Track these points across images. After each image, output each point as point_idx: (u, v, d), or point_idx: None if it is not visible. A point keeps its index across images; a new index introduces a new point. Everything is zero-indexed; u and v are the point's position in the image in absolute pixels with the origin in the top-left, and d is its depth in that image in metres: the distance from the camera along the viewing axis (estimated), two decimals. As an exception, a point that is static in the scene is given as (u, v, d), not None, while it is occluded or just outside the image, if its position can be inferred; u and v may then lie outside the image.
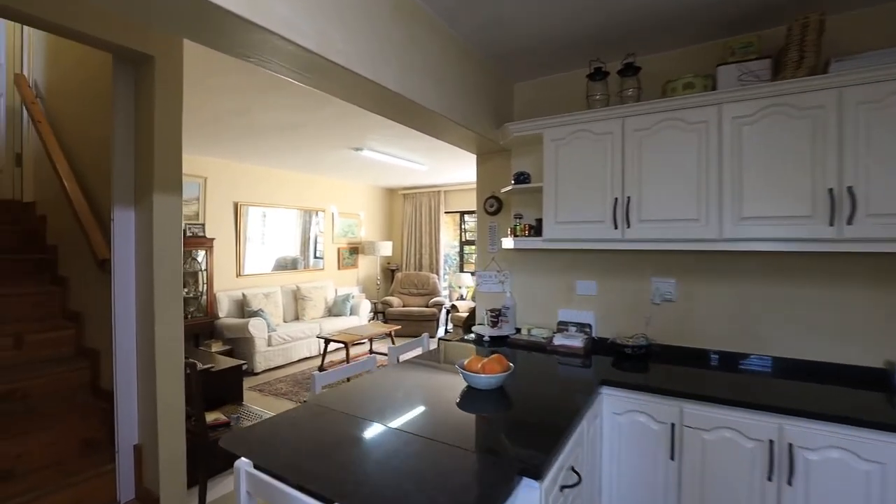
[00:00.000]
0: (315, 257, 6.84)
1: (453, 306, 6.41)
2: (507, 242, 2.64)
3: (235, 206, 5.65)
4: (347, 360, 4.60)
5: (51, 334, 2.59)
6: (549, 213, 2.38)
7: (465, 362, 1.84)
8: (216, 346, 4.69)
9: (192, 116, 3.62)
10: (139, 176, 2.18)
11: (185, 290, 4.85)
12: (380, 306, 7.17)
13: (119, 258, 2.17)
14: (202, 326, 4.93)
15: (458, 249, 8.01)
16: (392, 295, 7.33)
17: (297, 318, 5.97)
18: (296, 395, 4.24)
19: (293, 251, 6.51)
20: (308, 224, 6.73)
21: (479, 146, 2.80)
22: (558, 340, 2.46)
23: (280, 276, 6.24)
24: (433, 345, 5.86)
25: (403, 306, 7.12)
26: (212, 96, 3.18)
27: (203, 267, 4.99)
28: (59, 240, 2.90)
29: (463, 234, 7.89)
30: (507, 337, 2.70)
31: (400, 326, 5.54)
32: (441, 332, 6.99)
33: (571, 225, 2.32)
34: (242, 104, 3.32)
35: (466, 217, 7.90)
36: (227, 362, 2.99)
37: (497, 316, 2.78)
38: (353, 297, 6.33)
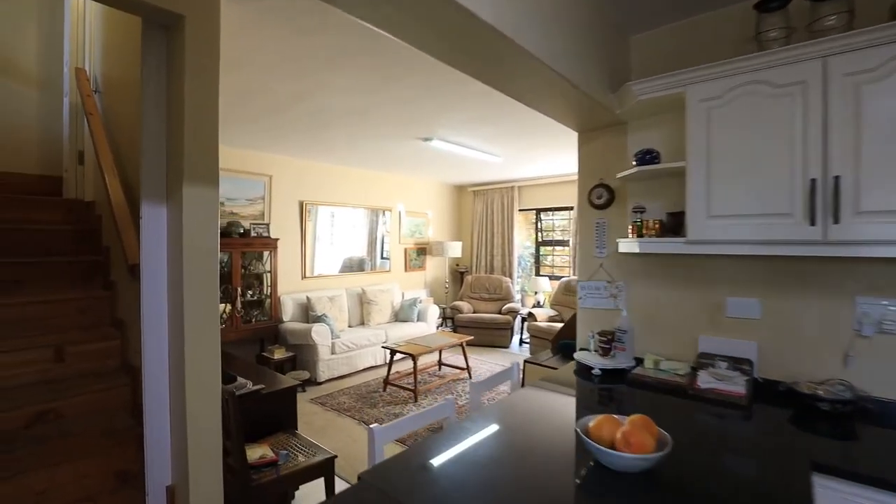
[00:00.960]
0: (382, 258, 6.50)
1: (530, 314, 5.74)
2: (627, 245, 1.98)
3: (301, 205, 5.42)
4: (415, 375, 4.13)
5: (96, 345, 2.33)
6: (697, 204, 1.69)
7: (590, 424, 1.23)
8: (279, 353, 4.44)
9: (250, 104, 3.32)
10: (171, 163, 1.80)
11: (250, 292, 4.67)
12: (448, 311, 6.68)
13: (149, 263, 1.80)
14: (266, 331, 4.72)
15: (532, 250, 7.32)
16: (461, 299, 6.81)
17: (362, 323, 5.64)
18: (359, 412, 3.83)
19: (360, 251, 6.23)
20: (375, 224, 6.41)
21: (584, 118, 2.16)
22: (706, 381, 1.76)
23: (346, 278, 5.95)
24: (507, 359, 5.20)
25: (473, 312, 6.58)
26: (268, 78, 2.83)
27: (267, 269, 4.78)
28: (112, 241, 2.68)
29: (539, 233, 7.18)
30: (625, 371, 2.03)
31: (472, 337, 4.99)
32: (515, 343, 6.36)
33: (733, 220, 1.61)
34: (303, 85, 2.94)
35: (543, 215, 7.18)
36: (282, 381, 2.61)
37: (609, 342, 2.12)
38: (420, 301, 5.90)
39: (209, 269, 1.79)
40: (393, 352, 4.36)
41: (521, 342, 6.36)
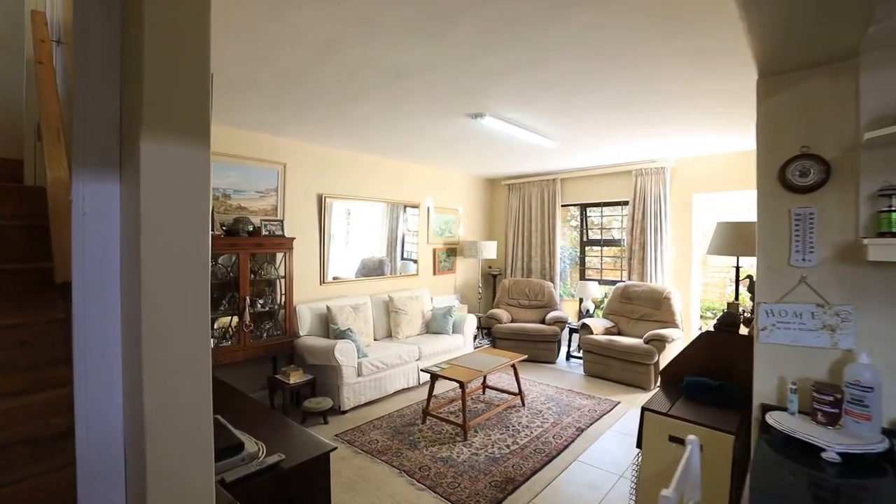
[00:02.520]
0: (402, 258, 5.71)
1: (585, 325, 4.93)
2: (881, 251, 1.18)
3: (320, 198, 4.66)
4: (464, 407, 3.34)
5: (37, 396, 1.57)
6: None
7: None
8: (296, 377, 3.68)
9: (262, 65, 2.55)
10: (127, 102, 1.03)
11: (260, 301, 3.91)
12: (483, 321, 5.89)
13: (87, 278, 1.04)
14: (280, 348, 3.97)
15: (576, 252, 6.50)
16: (497, 307, 6.01)
17: (389, 336, 4.87)
18: (398, 455, 3.05)
19: (379, 252, 5.42)
20: (395, 221, 5.61)
21: (785, 45, 1.36)
22: None
23: (368, 283, 5.18)
24: (558, 378, 4.64)
25: (512, 321, 5.78)
26: (282, 21, 2.05)
27: (281, 273, 4.02)
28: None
29: (585, 231, 6.35)
30: (877, 456, 1.23)
31: (525, 356, 4.16)
32: (562, 357, 5.54)
33: None
34: (329, 32, 2.16)
35: (589, 211, 6.35)
36: (311, 443, 1.84)
37: (837, 403, 1.32)
38: (454, 309, 5.11)
39: (192, 287, 1.00)
40: (434, 377, 3.58)
41: (570, 356, 5.54)
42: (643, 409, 2.07)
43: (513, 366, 3.93)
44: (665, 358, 4.47)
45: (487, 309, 6.71)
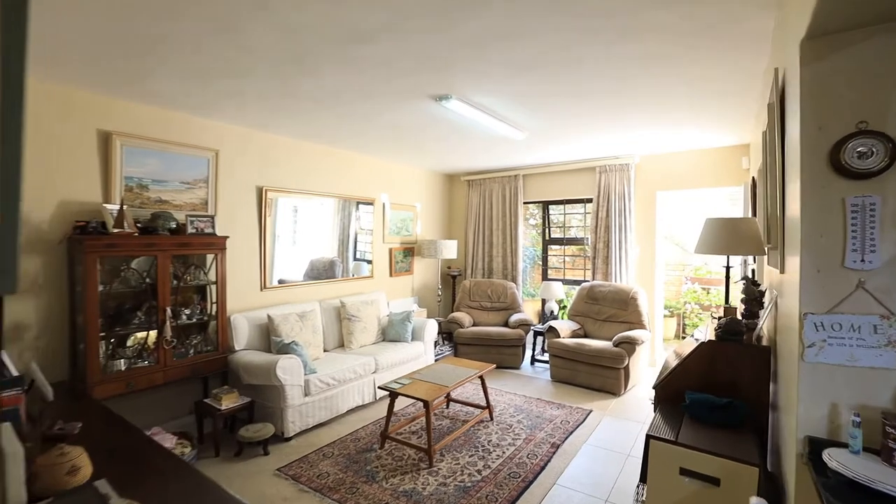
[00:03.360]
0: (356, 259, 5.22)
1: (551, 329, 4.68)
2: None
3: (260, 192, 4.08)
4: (429, 430, 2.94)
5: None
6: None
7: None
8: (229, 400, 3.12)
9: (177, 18, 2.01)
10: None
11: (187, 312, 3.31)
12: (444, 325, 5.52)
13: None
14: (211, 366, 3.37)
15: (538, 251, 6.29)
16: (458, 309, 5.66)
17: (342, 346, 4.38)
18: (352, 491, 2.60)
19: (330, 252, 4.90)
20: (347, 218, 5.11)
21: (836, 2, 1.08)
22: None
23: (317, 287, 4.65)
24: (525, 385, 4.38)
25: (474, 324, 5.45)
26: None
27: (213, 278, 3.43)
28: None
29: (548, 230, 6.14)
30: None
31: (494, 366, 3.80)
32: (527, 361, 5.28)
33: None
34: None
35: (551, 209, 6.15)
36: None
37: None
38: (413, 314, 4.69)
39: None
40: (393, 395, 3.16)
41: (534, 360, 5.29)
42: (648, 438, 1.76)
43: (481, 379, 3.58)
44: (635, 361, 4.30)
45: (447, 312, 6.36)
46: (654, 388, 2.26)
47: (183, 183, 3.53)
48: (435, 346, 5.20)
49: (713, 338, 2.16)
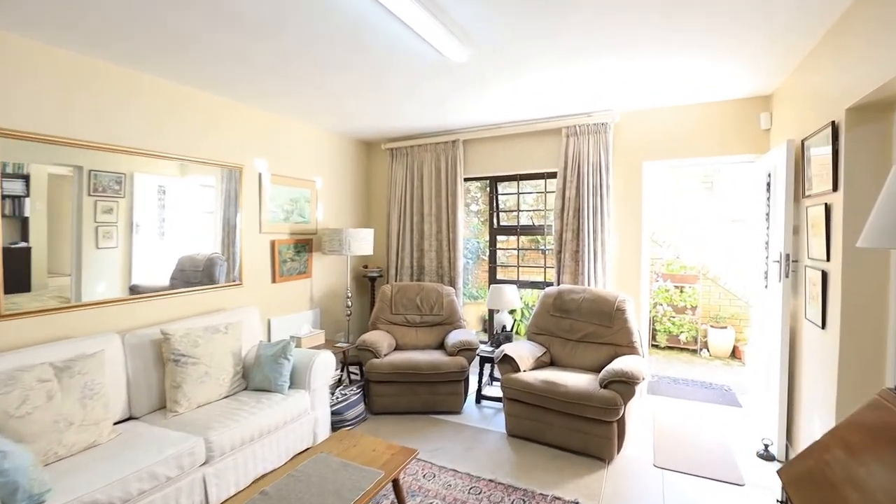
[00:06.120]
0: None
1: (506, 358, 3.16)
2: None
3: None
4: None
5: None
6: None
7: None
8: None
9: None
10: None
11: None
12: (351, 353, 3.83)
13: None
14: None
15: (483, 243, 4.78)
16: (376, 327, 4.00)
17: (163, 408, 2.58)
18: None
19: (211, 245, 3.31)
20: (235, 199, 3.40)
21: None
22: None
23: (166, 303, 2.80)
24: (466, 459, 2.46)
25: (397, 347, 3.84)
26: None
27: None
28: None
29: (496, 215, 4.63)
30: None
31: (416, 451, 2.16)
32: (471, 399, 3.76)
33: None
34: None
35: (502, 186, 4.65)
36: None
37: None
38: (291, 345, 2.96)
39: None
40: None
41: (481, 397, 3.77)
42: None
43: (395, 486, 1.97)
44: (631, 409, 2.91)
45: (364, 330, 4.70)
46: (780, 473, 0.76)
47: None
48: (337, 387, 3.52)
49: None
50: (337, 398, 3.24)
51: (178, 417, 2.45)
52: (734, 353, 5.44)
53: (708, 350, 5.59)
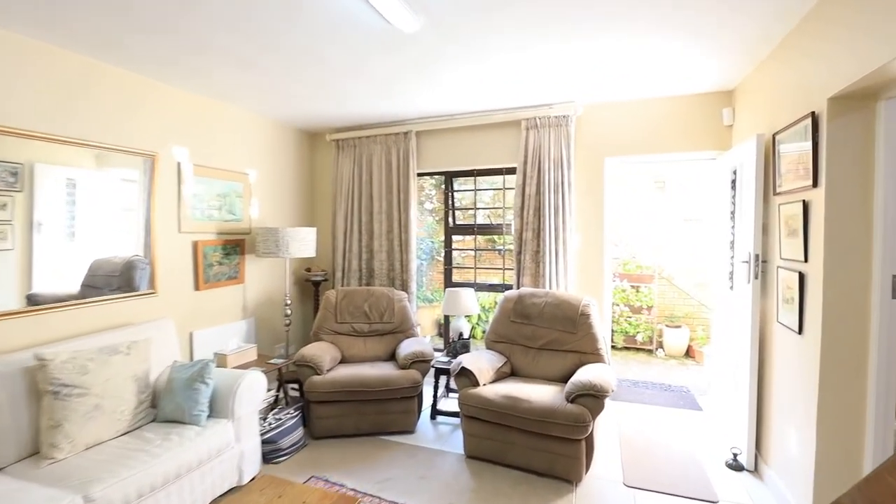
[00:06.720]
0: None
1: (464, 372, 2.84)
2: None
3: None
4: None
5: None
6: None
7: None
8: None
9: None
10: None
11: None
12: (288, 370, 3.37)
13: None
14: None
15: (437, 243, 4.46)
16: (319, 338, 3.57)
17: (35, 453, 2.05)
18: None
19: (131, 247, 2.84)
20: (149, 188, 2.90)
21: None
22: None
23: (67, 316, 2.24)
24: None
25: (342, 360, 3.44)
26: None
27: None
28: None
29: (452, 213, 4.32)
30: None
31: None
32: (426, 416, 3.42)
33: None
34: None
35: (458, 183, 4.35)
36: None
37: None
38: (211, 366, 2.51)
39: None
40: None
41: (436, 413, 3.44)
42: None
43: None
44: (599, 425, 2.68)
45: (307, 341, 4.26)
46: None
47: None
48: (271, 410, 3.07)
49: None
50: (270, 424, 2.80)
51: (55, 466, 1.94)
52: (688, 353, 5.45)
53: (663, 349, 5.57)
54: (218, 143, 3.50)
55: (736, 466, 2.66)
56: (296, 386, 3.51)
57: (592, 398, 2.50)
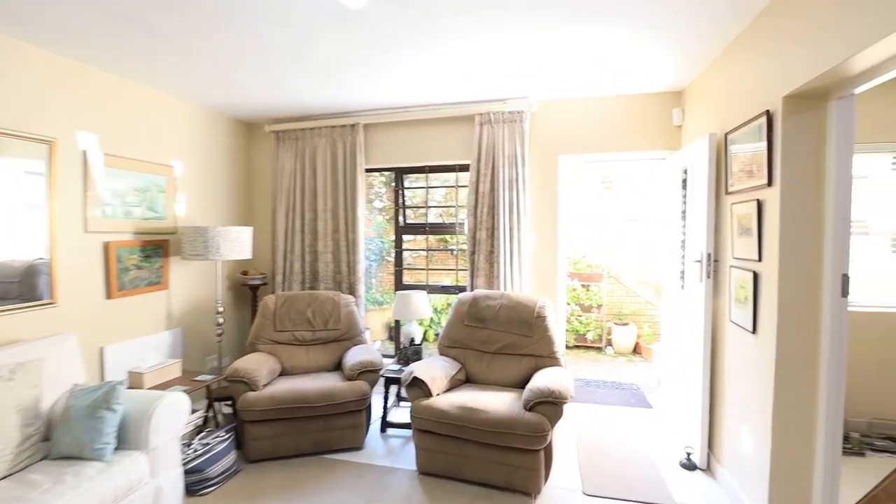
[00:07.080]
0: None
1: (416, 382, 2.64)
2: None
3: None
4: None
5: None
6: None
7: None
8: None
9: None
10: None
11: None
12: (218, 386, 3.01)
13: None
14: None
15: (387, 243, 4.22)
16: (255, 348, 3.23)
17: None
18: None
19: (39, 248, 2.35)
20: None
21: None
22: None
23: None
24: None
25: (282, 373, 3.13)
26: None
27: None
28: None
29: (402, 211, 4.10)
30: None
31: None
32: (375, 429, 3.19)
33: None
34: None
35: (407, 180, 4.13)
36: None
37: None
38: (121, 388, 2.16)
39: None
40: None
41: (387, 425, 3.22)
42: None
43: None
44: (557, 433, 2.58)
45: (242, 353, 3.89)
46: None
47: None
48: (198, 434, 2.71)
49: None
50: (196, 451, 2.46)
51: None
52: (636, 350, 5.57)
53: (612, 347, 5.66)
54: (137, 131, 3.07)
55: (689, 466, 2.66)
56: (230, 402, 3.16)
57: (551, 405, 2.38)
